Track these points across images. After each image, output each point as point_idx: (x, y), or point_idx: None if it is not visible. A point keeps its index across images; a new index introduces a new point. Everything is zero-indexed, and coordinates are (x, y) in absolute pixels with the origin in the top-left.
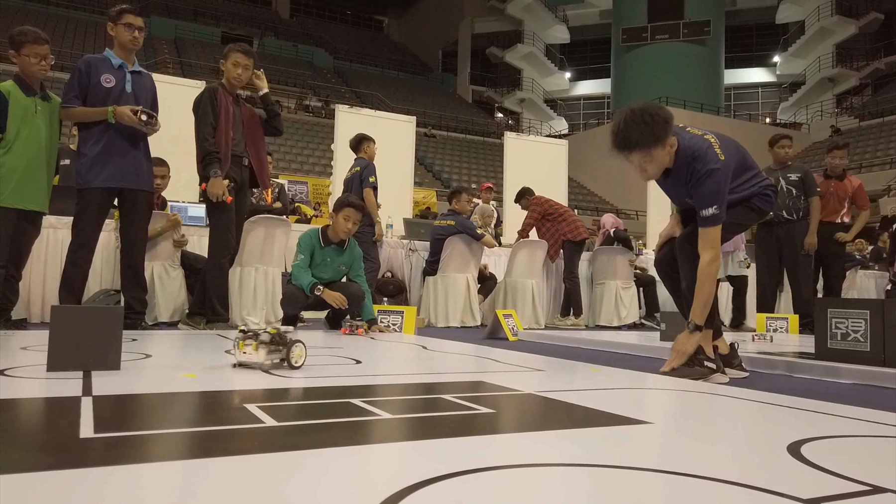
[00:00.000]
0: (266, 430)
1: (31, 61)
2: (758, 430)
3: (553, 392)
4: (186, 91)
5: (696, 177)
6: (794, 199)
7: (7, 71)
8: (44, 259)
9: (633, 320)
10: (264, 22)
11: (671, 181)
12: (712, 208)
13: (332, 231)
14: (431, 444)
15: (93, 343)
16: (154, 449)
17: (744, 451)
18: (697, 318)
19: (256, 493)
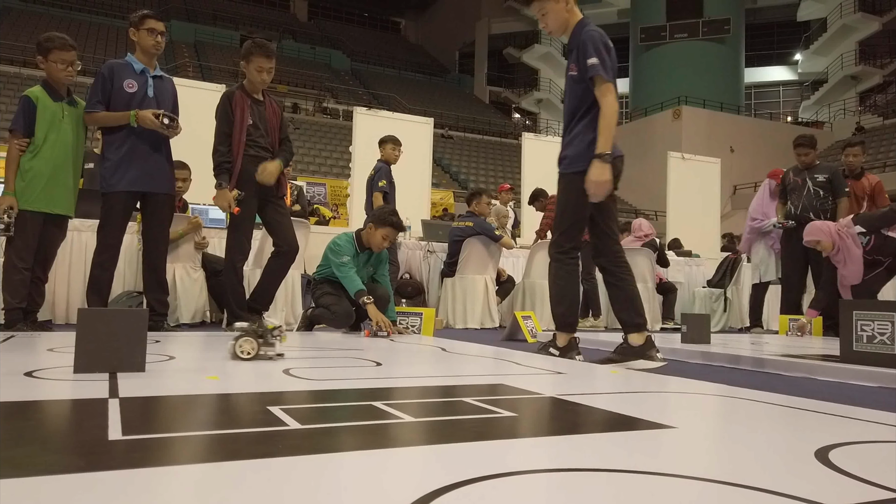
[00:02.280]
0: (290, 433)
1: (59, 67)
2: (783, 434)
3: (574, 395)
4: (206, 94)
5: (581, 39)
6: (822, 201)
7: (35, 76)
8: (68, 261)
9: (658, 327)
10: (283, 25)
11: (568, 63)
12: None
13: (367, 240)
14: (455, 447)
15: (119, 345)
16: (181, 451)
17: (770, 457)
18: (605, 147)
19: (283, 496)
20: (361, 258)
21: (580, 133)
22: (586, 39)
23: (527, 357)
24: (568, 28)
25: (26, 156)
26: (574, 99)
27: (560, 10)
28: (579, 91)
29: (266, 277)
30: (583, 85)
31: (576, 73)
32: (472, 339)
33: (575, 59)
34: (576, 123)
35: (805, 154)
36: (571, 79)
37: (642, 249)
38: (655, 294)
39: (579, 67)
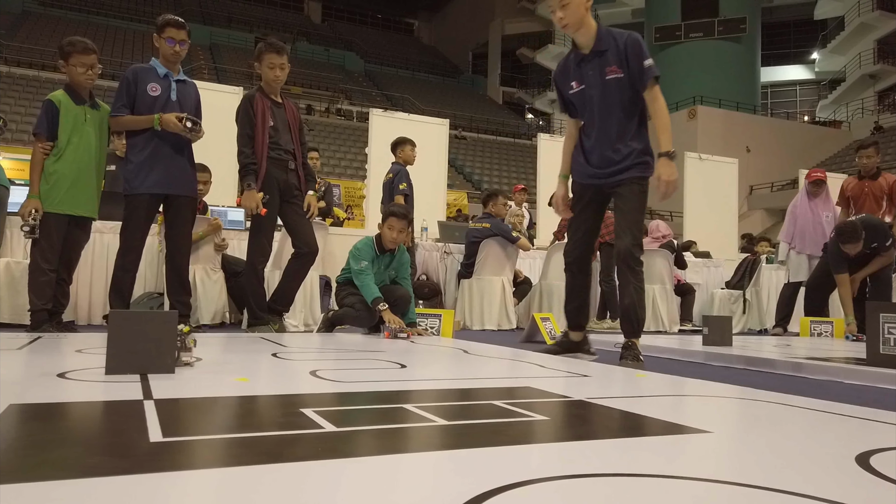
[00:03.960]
0: (327, 436)
1: (79, 71)
2: (821, 439)
3: (603, 399)
4: (222, 97)
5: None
6: None
7: (54, 79)
8: (90, 263)
9: (676, 328)
10: (297, 27)
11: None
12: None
13: (384, 240)
14: (493, 451)
15: (148, 347)
16: (224, 454)
17: (810, 462)
18: (670, 145)
19: (329, 499)
20: (383, 260)
21: (637, 136)
22: (636, 43)
23: (549, 359)
24: (582, 26)
25: (50, 159)
26: (619, 102)
27: (581, 4)
28: (628, 94)
29: (286, 279)
30: (631, 87)
31: (622, 75)
32: (491, 341)
33: (618, 62)
34: (629, 127)
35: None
36: (616, 82)
37: (660, 251)
38: (673, 296)
39: (629, 70)
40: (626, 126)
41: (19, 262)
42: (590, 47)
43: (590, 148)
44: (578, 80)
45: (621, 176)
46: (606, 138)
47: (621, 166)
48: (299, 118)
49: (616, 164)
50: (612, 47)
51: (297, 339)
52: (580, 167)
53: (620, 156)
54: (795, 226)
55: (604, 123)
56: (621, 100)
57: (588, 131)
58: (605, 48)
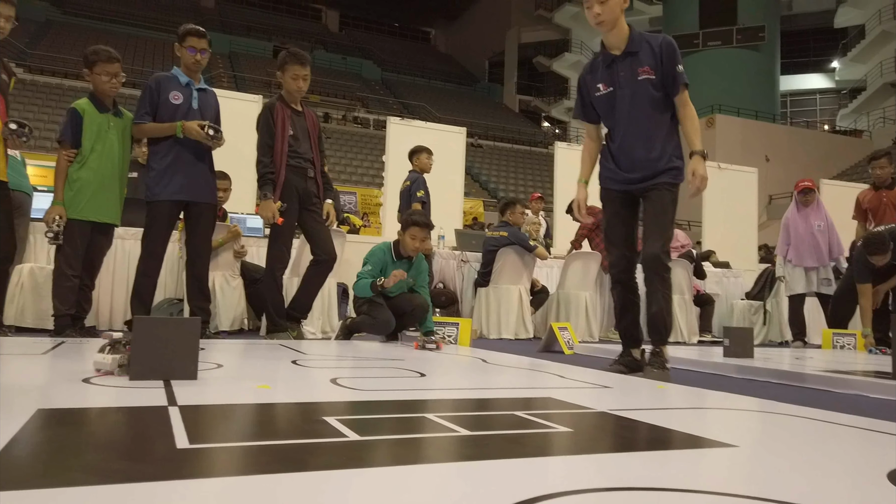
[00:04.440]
0: (352, 445)
1: (103, 79)
2: (851, 455)
3: (625, 410)
4: (241, 105)
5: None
6: None
7: (76, 87)
8: (112, 269)
9: (695, 340)
10: (315, 35)
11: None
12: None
13: (403, 247)
14: (516, 463)
15: (172, 353)
16: (250, 461)
17: (841, 479)
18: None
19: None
20: (399, 266)
21: (669, 139)
22: (672, 46)
23: (569, 369)
24: (616, 26)
25: (74, 166)
26: (650, 103)
27: (618, 3)
28: (658, 96)
29: (305, 286)
30: (662, 90)
31: (654, 77)
32: (508, 350)
33: (651, 63)
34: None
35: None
36: (648, 83)
37: (679, 261)
38: (692, 306)
39: (663, 73)
40: (657, 128)
41: (42, 267)
42: (621, 48)
43: (618, 151)
44: (607, 81)
45: (653, 181)
46: (636, 140)
47: (653, 170)
48: (319, 127)
49: (647, 168)
50: (644, 49)
51: (315, 347)
52: (610, 173)
53: (651, 159)
54: (789, 238)
55: (634, 125)
56: (652, 101)
57: (615, 135)
58: (638, 49)
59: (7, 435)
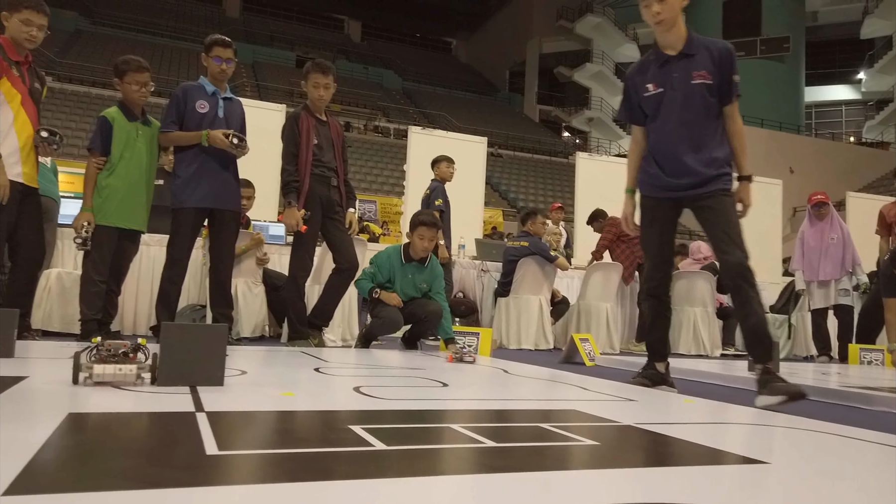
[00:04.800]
0: (378, 454)
1: (133, 88)
2: (886, 473)
3: (652, 424)
4: (264, 113)
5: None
6: None
7: (104, 96)
8: (137, 275)
9: (717, 353)
10: (337, 45)
11: (675, 67)
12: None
13: (413, 249)
14: (548, 476)
15: (199, 359)
16: (278, 469)
17: (876, 498)
18: (749, 168)
19: None
20: (410, 269)
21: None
22: (731, 54)
23: (591, 381)
24: (674, 25)
25: (103, 173)
26: (703, 108)
27: (678, 2)
28: (712, 102)
29: (327, 293)
30: (716, 96)
31: (711, 82)
32: (529, 361)
33: (708, 67)
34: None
35: None
36: (703, 87)
37: (702, 273)
38: (715, 319)
39: (720, 79)
40: (708, 133)
41: (70, 272)
42: (677, 49)
43: (663, 156)
44: (658, 82)
45: (705, 188)
46: (686, 144)
47: (704, 177)
48: (342, 136)
49: (696, 174)
50: (702, 53)
51: (337, 355)
52: (653, 179)
53: (701, 165)
54: (804, 253)
55: (684, 129)
56: (705, 106)
57: (661, 138)
58: (695, 52)
59: (41, 438)
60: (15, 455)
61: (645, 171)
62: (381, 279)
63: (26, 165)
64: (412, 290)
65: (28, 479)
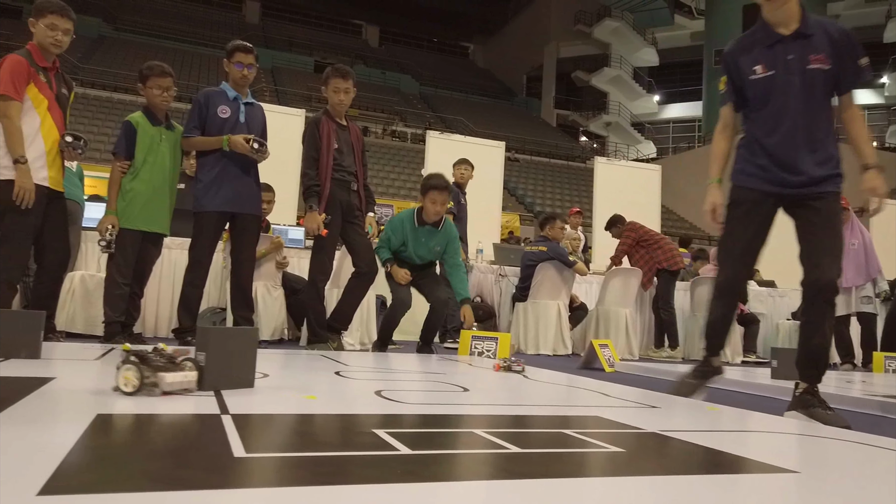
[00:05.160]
0: (405, 458)
1: (155, 93)
2: None
3: (676, 432)
4: (283, 118)
5: (843, 33)
6: None
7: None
8: (158, 278)
9: (738, 360)
10: (354, 50)
11: (789, 48)
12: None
13: (425, 214)
14: (577, 483)
15: (233, 363)
16: (307, 472)
17: None
18: (875, 157)
19: None
20: (423, 233)
21: (832, 141)
22: (851, 36)
23: (612, 387)
24: (788, 4)
25: (127, 177)
26: (819, 96)
27: None
28: (827, 89)
29: (346, 297)
30: (832, 83)
31: (829, 67)
32: (548, 366)
33: (827, 51)
34: (825, 128)
35: None
36: (819, 73)
37: None
38: (736, 325)
39: (841, 65)
40: (823, 126)
41: (93, 275)
42: (790, 28)
43: (776, 147)
44: (768, 63)
45: (818, 188)
46: (802, 137)
47: (819, 174)
48: (362, 140)
49: (810, 171)
50: (819, 34)
51: (357, 358)
52: (758, 170)
53: (816, 161)
54: None
55: (799, 119)
56: (823, 94)
57: (771, 125)
58: (812, 33)
59: (71, 439)
60: (47, 455)
61: (749, 161)
62: (395, 243)
63: (52, 170)
64: (426, 252)
65: (61, 479)
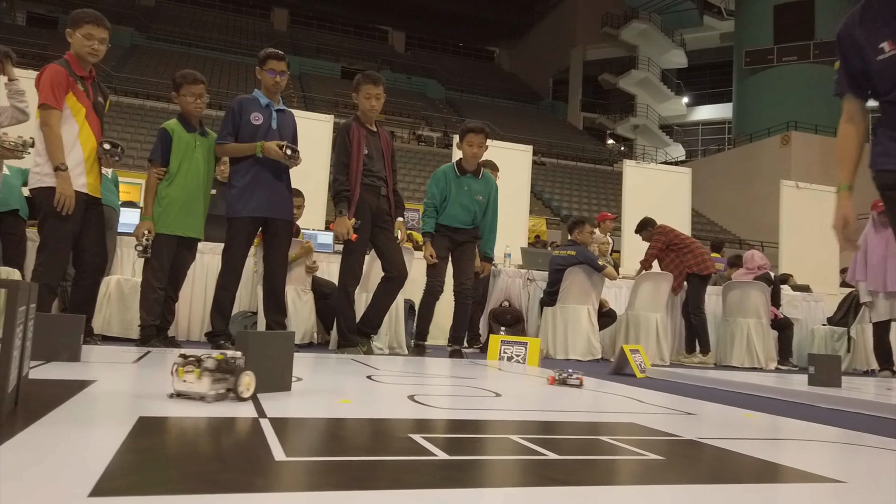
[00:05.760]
0: (444, 464)
1: (188, 100)
2: None
3: (714, 440)
4: (311, 124)
5: None
6: None
7: (157, 108)
8: (191, 282)
9: (772, 366)
10: (381, 56)
11: None
12: None
13: (464, 160)
14: (619, 491)
15: (272, 366)
16: (348, 476)
17: None
18: None
19: None
20: (465, 181)
21: None
22: None
23: (645, 394)
24: None
25: (162, 183)
26: None
27: None
28: None
29: (375, 301)
30: None
31: None
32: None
33: None
34: None
35: None
36: None
37: (755, 283)
38: (770, 330)
39: None
40: None
41: (129, 279)
42: None
43: None
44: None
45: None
46: None
47: None
48: (392, 146)
49: None
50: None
51: (388, 363)
52: None
53: None
54: (867, 263)
55: None
56: None
57: None
58: None
59: (116, 441)
60: (94, 458)
61: (889, 155)
62: (439, 198)
63: (90, 176)
64: (470, 202)
65: (110, 481)
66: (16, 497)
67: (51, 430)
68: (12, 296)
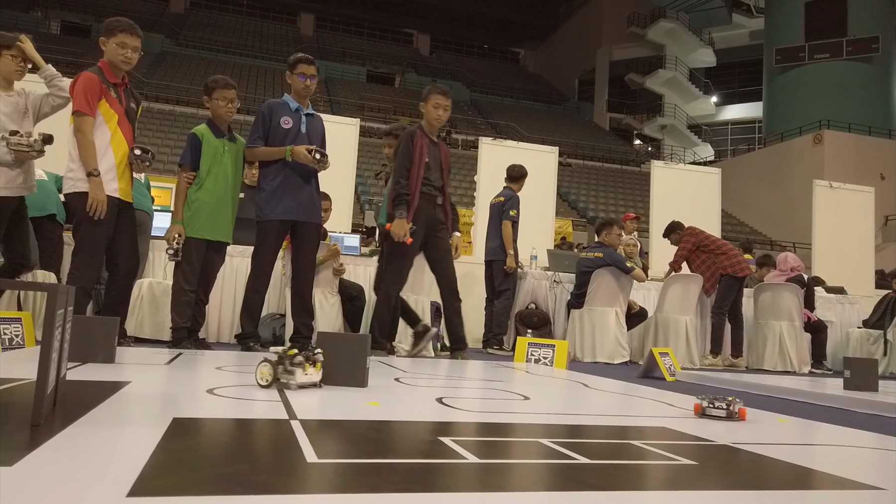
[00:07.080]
0: (475, 467)
1: (220, 104)
2: None
3: (749, 444)
4: (338, 127)
5: None
6: None
7: (186, 114)
8: (220, 285)
9: (806, 369)
10: (406, 59)
11: None
12: None
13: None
14: (655, 497)
15: (345, 364)
16: (380, 479)
17: None
18: None
19: None
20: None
21: None
22: None
23: (675, 397)
24: None
25: (192, 188)
26: None
27: None
28: None
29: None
30: None
31: None
32: (605, 374)
33: None
34: None
35: None
36: None
37: (788, 285)
38: (803, 333)
39: None
40: None
41: (160, 282)
42: None
43: None
44: None
45: None
46: None
47: None
48: (449, 159)
49: None
50: None
51: (414, 365)
52: None
53: None
54: None
55: None
56: None
57: None
58: None
59: (151, 442)
60: (131, 458)
61: None
62: None
63: (122, 181)
64: None
65: (147, 482)
66: (57, 497)
67: (88, 430)
68: (51, 299)
